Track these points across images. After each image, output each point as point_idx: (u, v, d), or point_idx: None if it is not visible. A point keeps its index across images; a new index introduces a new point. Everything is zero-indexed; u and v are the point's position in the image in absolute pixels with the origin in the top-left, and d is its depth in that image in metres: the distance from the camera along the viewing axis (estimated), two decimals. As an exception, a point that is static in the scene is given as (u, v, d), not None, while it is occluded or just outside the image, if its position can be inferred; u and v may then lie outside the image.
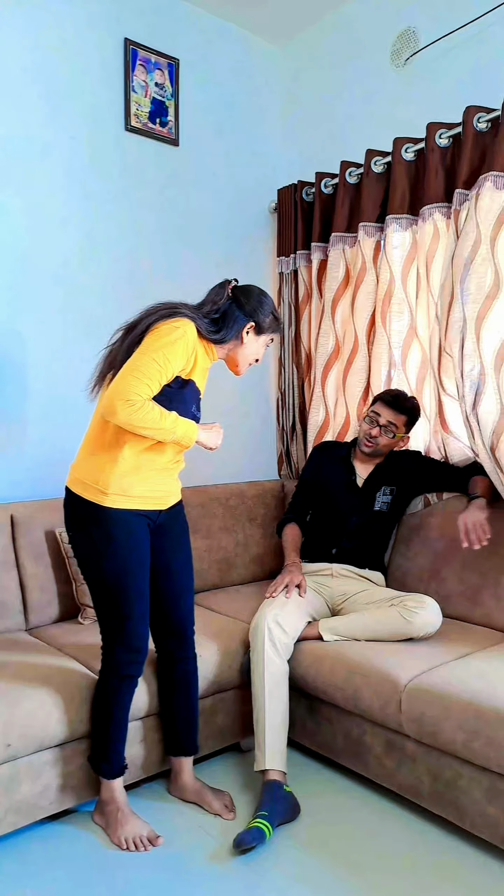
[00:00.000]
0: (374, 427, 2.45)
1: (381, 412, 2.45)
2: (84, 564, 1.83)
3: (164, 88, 2.86)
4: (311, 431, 2.97)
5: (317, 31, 3.12)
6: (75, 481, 1.82)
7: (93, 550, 1.79)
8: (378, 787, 2.07)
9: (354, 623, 2.16)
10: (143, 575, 1.83)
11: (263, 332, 1.93)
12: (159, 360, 1.70)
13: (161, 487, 1.87)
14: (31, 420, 2.57)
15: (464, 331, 2.31)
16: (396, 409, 2.44)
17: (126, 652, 1.82)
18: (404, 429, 2.47)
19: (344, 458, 2.58)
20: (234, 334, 1.87)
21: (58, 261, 2.61)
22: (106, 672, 1.83)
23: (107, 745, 1.83)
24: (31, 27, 2.50)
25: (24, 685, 1.82)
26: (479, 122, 2.32)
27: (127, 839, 1.80)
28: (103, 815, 1.87)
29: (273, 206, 3.25)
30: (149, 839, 1.81)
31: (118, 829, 1.82)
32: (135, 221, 2.82)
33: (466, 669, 1.89)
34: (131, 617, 1.80)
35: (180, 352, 1.73)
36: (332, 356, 2.90)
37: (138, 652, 1.83)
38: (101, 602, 1.82)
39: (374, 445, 2.46)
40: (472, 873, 1.71)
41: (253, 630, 2.11)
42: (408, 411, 2.46)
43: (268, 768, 1.95)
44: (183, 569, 1.97)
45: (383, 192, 2.70)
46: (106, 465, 1.77)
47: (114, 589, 1.79)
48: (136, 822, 1.84)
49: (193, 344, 1.77)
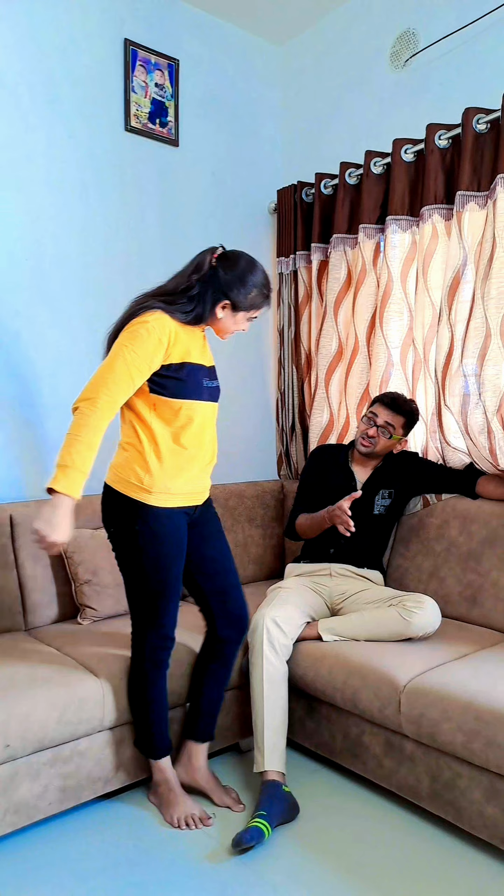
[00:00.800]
0: (371, 427, 2.44)
1: (378, 412, 2.44)
2: (124, 558, 1.88)
3: (164, 89, 2.87)
4: (315, 433, 2.97)
5: (316, 33, 3.13)
6: (115, 478, 1.86)
7: (135, 546, 1.84)
8: (377, 787, 2.08)
9: (353, 623, 2.16)
10: (181, 567, 1.90)
11: (241, 309, 1.86)
12: (126, 360, 1.73)
13: (200, 484, 1.93)
14: (31, 420, 2.57)
15: (486, 336, 2.31)
16: (395, 410, 2.43)
17: (158, 638, 1.89)
18: (402, 430, 2.46)
19: (342, 464, 2.55)
20: (209, 310, 1.84)
21: (57, 260, 2.61)
22: (139, 659, 1.90)
23: (148, 728, 1.91)
24: (31, 27, 2.50)
25: (23, 686, 1.82)
26: (479, 124, 2.32)
27: (179, 818, 1.88)
28: (157, 795, 1.96)
29: (273, 207, 3.26)
30: (200, 819, 1.88)
31: (171, 808, 1.90)
32: (134, 221, 2.83)
33: (466, 670, 1.89)
34: (167, 607, 1.87)
35: (150, 348, 1.75)
36: (335, 358, 2.90)
37: (169, 639, 1.90)
38: (138, 592, 1.87)
39: (371, 445, 2.45)
40: (471, 873, 1.71)
41: (252, 631, 2.12)
42: (406, 413, 2.45)
43: (266, 769, 1.96)
44: (227, 556, 2.03)
45: (383, 194, 2.70)
46: (150, 465, 1.82)
47: (153, 581, 1.84)
48: (188, 802, 1.91)
49: (169, 333, 1.78)
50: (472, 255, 2.39)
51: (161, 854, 1.79)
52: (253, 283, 1.84)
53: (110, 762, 1.95)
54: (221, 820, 1.92)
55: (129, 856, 1.78)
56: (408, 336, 2.67)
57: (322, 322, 2.95)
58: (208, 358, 1.94)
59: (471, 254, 2.39)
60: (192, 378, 1.84)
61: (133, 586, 1.88)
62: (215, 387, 1.94)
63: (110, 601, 2.36)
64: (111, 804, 2.01)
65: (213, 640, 2.01)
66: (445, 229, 2.50)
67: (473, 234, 2.38)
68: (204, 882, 1.69)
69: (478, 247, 2.38)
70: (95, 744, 1.91)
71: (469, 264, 2.40)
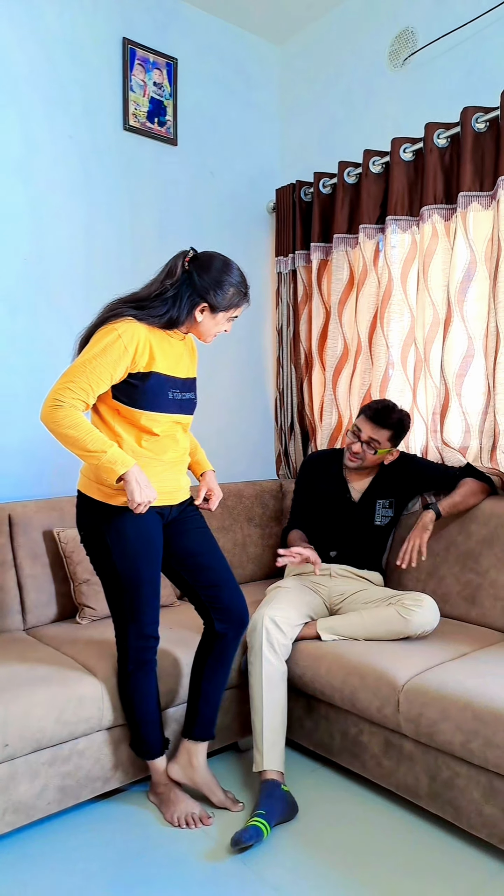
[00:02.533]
0: (356, 442, 2.38)
1: (362, 427, 2.37)
2: (97, 561, 1.88)
3: (163, 88, 2.86)
4: (325, 434, 2.97)
5: (315, 31, 3.13)
6: (85, 483, 1.87)
7: (105, 548, 1.84)
8: (376, 786, 2.08)
9: (352, 622, 2.16)
10: (156, 568, 1.89)
11: (220, 310, 1.84)
12: (89, 366, 1.72)
13: (170, 483, 1.91)
14: (30, 419, 2.57)
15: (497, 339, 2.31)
16: (378, 424, 2.34)
17: (140, 638, 1.88)
18: (389, 444, 2.38)
19: (335, 473, 2.51)
20: (186, 314, 1.82)
21: (55, 260, 2.61)
22: (123, 661, 1.89)
23: (138, 729, 1.91)
24: (30, 26, 2.50)
25: (22, 685, 1.81)
26: (478, 123, 2.32)
27: (179, 817, 1.89)
28: (156, 794, 1.97)
29: (271, 206, 3.25)
30: (200, 818, 1.89)
31: (171, 807, 1.91)
32: (133, 221, 2.82)
33: (464, 669, 1.89)
34: (143, 608, 1.86)
35: (115, 355, 1.73)
36: (341, 358, 2.90)
37: (151, 638, 1.89)
38: (115, 595, 1.87)
39: (357, 461, 2.40)
40: (470, 872, 1.71)
41: (251, 631, 2.11)
42: (392, 425, 2.36)
43: (265, 768, 1.96)
44: (213, 551, 2.00)
45: (382, 193, 2.70)
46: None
47: (127, 584, 1.84)
48: (188, 801, 1.92)
49: (137, 341, 1.76)
50: (481, 256, 2.39)
51: (160, 853, 1.79)
52: (229, 282, 1.82)
53: (109, 761, 1.94)
54: (221, 819, 1.92)
55: (129, 855, 1.78)
56: (408, 336, 2.67)
57: (326, 323, 2.95)
58: (185, 369, 1.90)
59: (479, 254, 2.39)
60: (157, 389, 1.81)
61: (109, 588, 1.88)
62: (188, 399, 1.90)
63: (109, 600, 2.36)
64: (110, 803, 2.01)
65: (210, 636, 2.00)
66: (445, 229, 2.50)
67: (479, 235, 2.38)
68: (203, 881, 1.69)
69: (486, 247, 2.38)
70: (94, 743, 1.91)
71: (479, 263, 2.39)
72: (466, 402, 2.47)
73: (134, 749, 1.95)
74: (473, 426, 2.48)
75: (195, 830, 1.87)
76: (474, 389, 2.47)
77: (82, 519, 1.90)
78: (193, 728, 1.99)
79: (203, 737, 1.99)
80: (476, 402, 2.47)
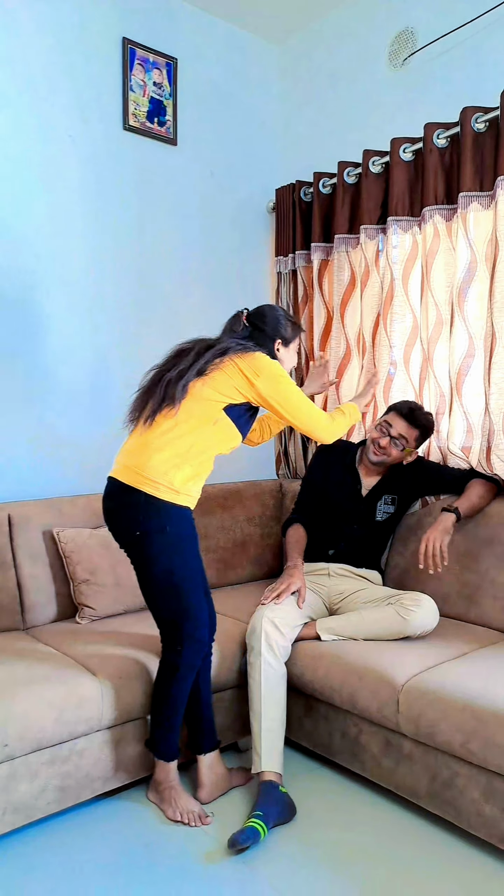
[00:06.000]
0: (385, 437, 2.37)
1: (393, 423, 2.36)
2: (154, 563, 1.87)
3: (163, 88, 2.86)
4: None
5: (315, 31, 3.12)
6: (145, 481, 1.86)
7: (166, 548, 1.87)
8: (375, 786, 2.08)
9: (352, 622, 2.16)
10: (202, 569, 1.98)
11: (290, 342, 2.10)
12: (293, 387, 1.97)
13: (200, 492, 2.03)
14: (29, 419, 2.57)
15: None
16: (410, 423, 2.36)
17: (195, 643, 1.91)
18: (415, 443, 2.39)
19: (349, 464, 2.52)
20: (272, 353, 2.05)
21: (56, 259, 2.61)
22: (173, 665, 1.90)
23: (167, 731, 1.92)
24: (30, 26, 2.50)
25: (22, 685, 1.81)
26: (477, 123, 2.32)
27: (182, 813, 1.91)
28: (157, 793, 1.97)
29: (271, 206, 3.25)
30: (199, 817, 1.90)
31: (172, 805, 1.92)
32: (133, 221, 2.82)
33: (464, 669, 1.89)
34: (198, 611, 1.91)
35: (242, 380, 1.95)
36: (344, 359, 2.90)
37: (205, 642, 1.95)
38: (169, 598, 1.90)
39: (382, 455, 2.39)
40: (469, 872, 1.71)
41: (250, 632, 2.11)
42: (421, 427, 2.38)
43: (263, 770, 1.95)
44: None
45: (382, 193, 2.69)
46: (182, 467, 1.87)
47: (183, 584, 1.88)
48: (189, 800, 1.94)
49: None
50: (482, 256, 2.39)
51: (159, 853, 1.79)
52: (284, 319, 2.09)
53: (109, 761, 1.94)
54: (219, 819, 1.92)
55: (128, 855, 1.78)
56: (411, 336, 2.67)
57: (328, 323, 2.95)
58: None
59: (479, 254, 2.39)
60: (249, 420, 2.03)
61: (161, 593, 1.90)
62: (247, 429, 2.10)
63: (108, 600, 2.36)
64: (110, 803, 2.01)
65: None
66: (447, 230, 2.49)
67: (479, 235, 2.38)
68: (201, 881, 1.69)
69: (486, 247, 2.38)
70: (94, 743, 1.91)
71: (480, 263, 2.39)
72: (467, 401, 2.47)
73: (152, 748, 1.95)
74: (475, 426, 2.48)
75: (194, 830, 1.87)
76: (475, 389, 2.47)
77: (143, 519, 1.86)
78: (202, 741, 2.01)
79: (213, 745, 2.02)
80: (477, 401, 2.47)
